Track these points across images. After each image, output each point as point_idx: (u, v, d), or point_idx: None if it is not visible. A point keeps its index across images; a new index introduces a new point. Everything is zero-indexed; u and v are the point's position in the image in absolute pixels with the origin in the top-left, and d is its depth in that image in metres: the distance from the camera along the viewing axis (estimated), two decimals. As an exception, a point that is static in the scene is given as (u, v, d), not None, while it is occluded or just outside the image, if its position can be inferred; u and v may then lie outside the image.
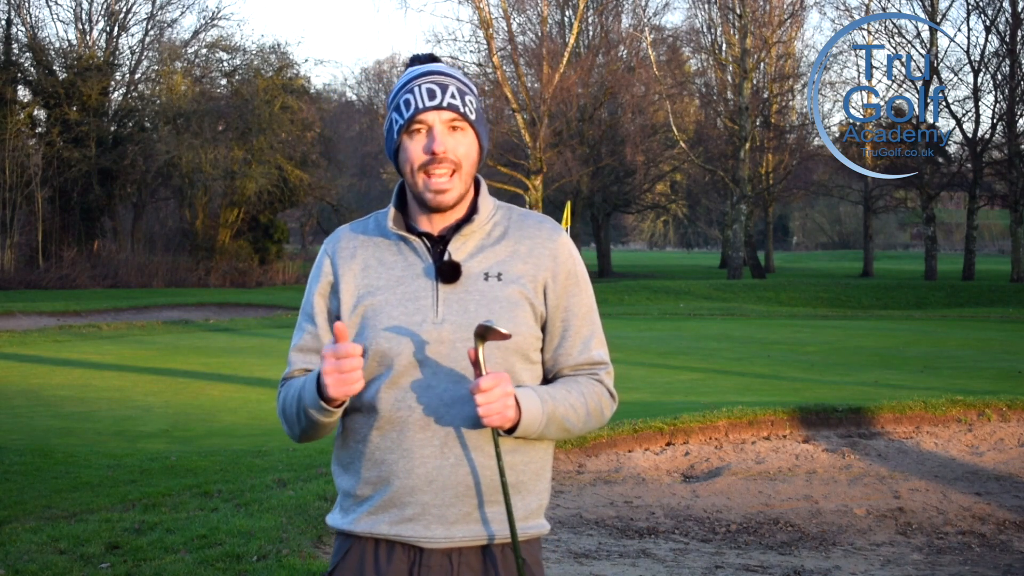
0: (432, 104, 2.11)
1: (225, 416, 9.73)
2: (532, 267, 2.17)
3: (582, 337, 2.20)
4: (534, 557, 2.19)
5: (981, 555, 5.58)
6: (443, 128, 2.12)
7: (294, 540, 5.15)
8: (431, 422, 2.08)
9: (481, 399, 1.97)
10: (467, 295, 2.12)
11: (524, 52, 40.63)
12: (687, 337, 17.77)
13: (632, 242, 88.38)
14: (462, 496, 2.09)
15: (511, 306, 2.12)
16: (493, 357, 2.09)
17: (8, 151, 32.63)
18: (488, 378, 1.98)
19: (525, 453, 2.15)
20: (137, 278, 33.80)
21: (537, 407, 2.07)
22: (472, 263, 2.14)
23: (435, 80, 2.14)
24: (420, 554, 2.10)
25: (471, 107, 2.15)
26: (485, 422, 1.99)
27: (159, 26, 39.47)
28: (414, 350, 2.09)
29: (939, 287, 32.84)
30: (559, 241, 2.20)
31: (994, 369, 12.60)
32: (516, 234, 2.19)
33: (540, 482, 2.20)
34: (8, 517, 5.76)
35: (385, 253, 2.18)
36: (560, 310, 2.19)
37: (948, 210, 64.07)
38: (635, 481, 6.86)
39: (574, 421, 2.15)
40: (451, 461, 2.09)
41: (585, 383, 2.19)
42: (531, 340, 2.15)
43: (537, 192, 37.67)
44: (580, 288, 2.22)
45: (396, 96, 2.16)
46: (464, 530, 2.10)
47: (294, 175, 36.46)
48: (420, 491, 2.08)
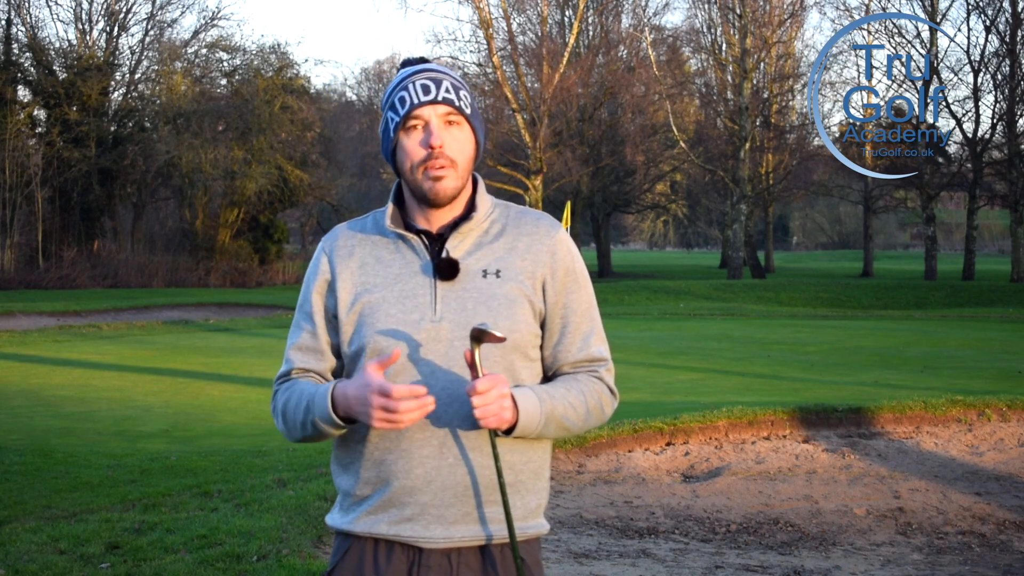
0: (427, 99, 2.10)
1: (225, 416, 9.73)
2: (530, 264, 2.16)
3: (581, 334, 2.19)
4: (534, 557, 2.18)
5: (981, 555, 5.57)
6: (439, 122, 2.11)
7: (294, 540, 5.15)
8: (430, 422, 2.07)
9: (477, 401, 1.96)
10: (465, 292, 2.11)
11: (524, 52, 40.64)
12: (687, 337, 17.77)
13: (632, 242, 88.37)
14: (461, 496, 2.08)
15: (510, 303, 2.11)
16: (492, 355, 2.08)
17: (8, 151, 32.63)
18: (484, 380, 1.97)
19: (524, 452, 2.14)
20: (137, 278, 33.79)
21: (535, 407, 2.06)
22: (470, 260, 2.13)
23: (429, 76, 2.13)
24: (419, 554, 2.10)
25: (466, 101, 2.15)
26: (482, 424, 1.98)
27: (159, 26, 39.51)
28: (412, 348, 2.08)
29: (939, 287, 32.83)
30: (557, 237, 2.19)
31: (994, 369, 12.60)
32: (514, 231, 2.18)
33: (539, 481, 2.19)
34: (8, 517, 5.76)
35: (383, 251, 2.17)
36: (559, 307, 2.18)
37: (948, 210, 64.07)
38: (635, 481, 6.86)
39: (573, 420, 2.14)
40: (450, 461, 2.08)
41: (585, 381, 2.18)
42: (530, 338, 2.14)
43: (537, 192, 37.67)
44: (579, 284, 2.21)
45: (391, 95, 2.15)
46: (463, 530, 2.09)
47: (294, 175, 36.46)
48: (419, 491, 2.08)
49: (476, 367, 1.99)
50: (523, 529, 2.14)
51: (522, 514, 2.14)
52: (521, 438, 2.10)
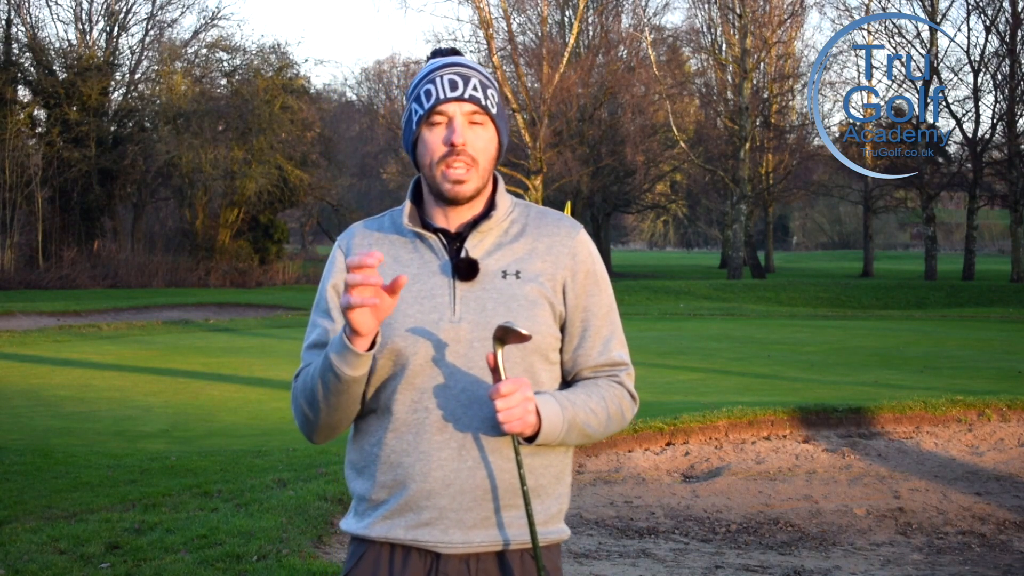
0: (454, 95, 2.06)
1: (225, 416, 9.73)
2: (551, 265, 2.11)
3: (602, 337, 2.15)
4: (554, 563, 2.13)
5: (981, 555, 5.57)
6: (463, 120, 2.06)
7: (294, 540, 5.15)
8: (448, 424, 2.02)
9: (501, 404, 1.91)
10: (484, 293, 2.06)
11: (524, 52, 40.65)
12: (687, 337, 17.76)
13: (632, 242, 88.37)
14: (480, 500, 2.03)
15: (530, 305, 2.07)
16: (512, 357, 2.03)
17: (8, 151, 32.62)
18: (508, 383, 1.92)
19: (544, 457, 2.10)
20: (137, 278, 33.77)
21: (558, 415, 2.02)
22: (490, 260, 2.09)
23: (458, 72, 2.09)
24: (437, 560, 2.04)
25: (492, 101, 2.10)
26: (505, 428, 1.93)
27: (159, 26, 39.52)
28: (431, 349, 2.03)
29: (939, 287, 32.83)
30: (578, 239, 2.15)
31: (994, 369, 12.60)
32: (534, 232, 2.14)
33: (560, 486, 2.14)
34: (8, 517, 5.76)
35: (400, 250, 2.12)
36: (579, 310, 2.13)
37: (948, 210, 64.06)
38: (635, 481, 6.86)
39: (595, 427, 2.10)
40: (469, 464, 2.03)
41: (606, 386, 2.14)
42: (550, 340, 2.10)
43: (537, 192, 37.68)
44: (599, 287, 2.16)
45: (417, 87, 2.10)
46: (482, 535, 2.04)
47: (294, 175, 36.46)
48: (437, 495, 2.02)
49: (499, 370, 1.94)
50: (544, 534, 2.09)
51: (543, 519, 2.09)
52: (542, 445, 2.05)
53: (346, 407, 2.04)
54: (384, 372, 2.06)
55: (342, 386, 1.98)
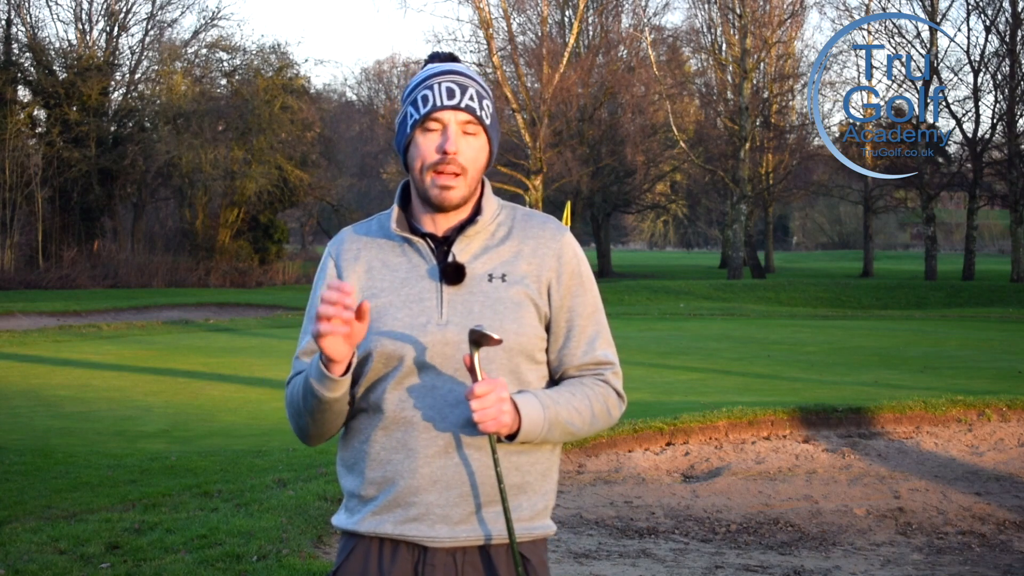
0: (450, 103, 2.10)
1: (225, 416, 9.73)
2: (536, 267, 2.16)
3: (587, 337, 2.19)
4: (539, 558, 2.18)
5: (981, 555, 5.57)
6: (457, 129, 2.10)
7: (294, 540, 5.15)
8: (435, 423, 2.08)
9: (476, 404, 1.96)
10: (471, 296, 2.11)
11: (524, 52, 40.65)
12: (687, 337, 17.77)
13: (632, 242, 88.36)
14: (465, 496, 2.09)
15: (515, 307, 2.12)
16: (498, 358, 2.09)
17: (8, 151, 32.63)
18: (483, 384, 1.97)
19: (531, 454, 2.15)
20: (137, 278, 33.77)
21: (538, 413, 2.06)
22: (476, 264, 2.13)
23: (455, 80, 2.12)
24: (424, 553, 2.10)
25: (487, 112, 2.14)
26: (480, 428, 1.98)
27: (159, 26, 39.52)
28: (419, 352, 2.09)
29: (939, 287, 32.82)
30: (563, 241, 2.20)
31: (994, 369, 12.60)
32: (520, 234, 2.18)
33: (546, 483, 2.19)
34: (8, 517, 5.76)
35: (389, 255, 2.17)
36: (564, 310, 2.18)
37: (948, 210, 64.04)
38: (635, 481, 6.86)
39: (579, 425, 2.14)
40: (455, 462, 2.08)
41: (591, 384, 2.18)
42: (536, 341, 2.14)
43: (537, 192, 37.67)
44: (584, 288, 2.21)
45: (414, 91, 2.14)
46: (467, 530, 2.09)
47: (294, 175, 36.46)
48: (424, 491, 2.08)
49: (475, 371, 1.99)
50: (529, 530, 2.14)
51: (528, 515, 2.14)
52: (526, 443, 2.10)
53: (332, 419, 2.12)
54: (375, 373, 2.12)
55: (324, 405, 2.07)
